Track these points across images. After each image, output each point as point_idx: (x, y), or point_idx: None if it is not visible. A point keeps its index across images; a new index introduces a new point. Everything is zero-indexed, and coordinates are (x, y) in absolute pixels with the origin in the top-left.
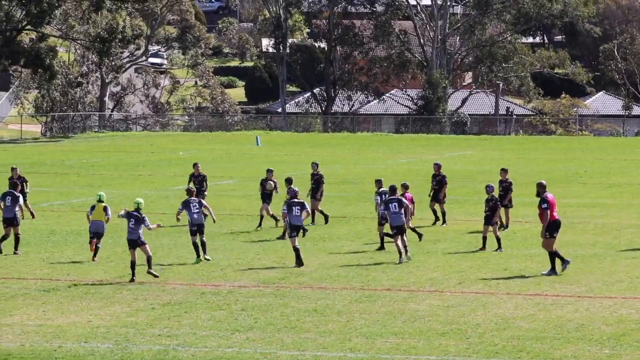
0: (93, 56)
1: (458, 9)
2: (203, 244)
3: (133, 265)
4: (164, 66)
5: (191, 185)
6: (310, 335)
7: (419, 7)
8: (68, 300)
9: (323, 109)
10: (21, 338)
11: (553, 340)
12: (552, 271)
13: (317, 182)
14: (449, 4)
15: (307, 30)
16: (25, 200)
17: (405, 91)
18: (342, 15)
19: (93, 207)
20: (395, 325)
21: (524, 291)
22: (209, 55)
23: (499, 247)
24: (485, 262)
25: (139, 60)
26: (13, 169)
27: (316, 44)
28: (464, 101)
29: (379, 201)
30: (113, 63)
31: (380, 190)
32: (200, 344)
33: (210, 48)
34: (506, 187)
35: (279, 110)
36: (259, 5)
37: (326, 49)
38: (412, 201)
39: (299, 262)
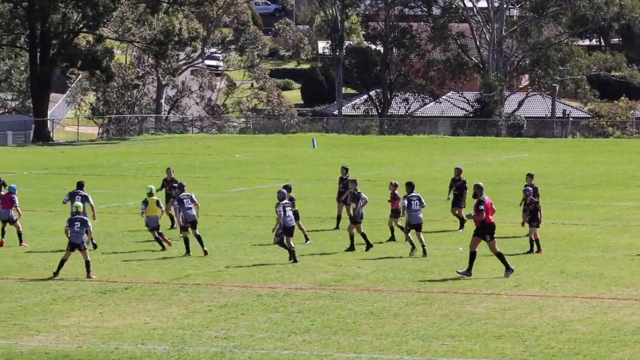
0: (149, 58)
1: (514, 12)
2: (199, 237)
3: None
4: (220, 68)
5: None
6: (367, 337)
7: (475, 10)
8: (125, 302)
9: (379, 111)
10: (78, 339)
11: (609, 343)
12: (508, 271)
13: (345, 186)
14: (505, 6)
15: (364, 32)
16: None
17: (462, 93)
18: (399, 18)
19: (146, 202)
20: (451, 327)
21: (580, 294)
22: (265, 57)
23: (531, 249)
24: (541, 264)
25: (195, 62)
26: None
27: (372, 46)
28: (520, 104)
29: (406, 204)
30: (169, 65)
31: (410, 195)
32: (257, 346)
33: (267, 50)
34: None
35: (335, 112)
36: (315, 8)
37: (382, 51)
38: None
39: (294, 258)
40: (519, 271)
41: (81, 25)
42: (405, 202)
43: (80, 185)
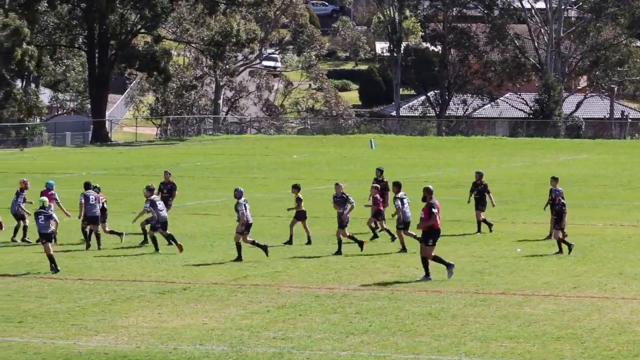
0: (207, 59)
1: (572, 13)
2: (171, 236)
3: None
4: (278, 69)
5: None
6: (425, 338)
7: (533, 11)
8: (183, 303)
9: (437, 112)
10: (136, 340)
11: None
12: (427, 277)
13: (382, 189)
14: (563, 7)
15: (422, 33)
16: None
17: (520, 95)
18: (457, 19)
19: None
20: (509, 329)
21: (639, 295)
22: (323, 57)
23: (560, 250)
24: (600, 266)
25: (253, 63)
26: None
27: (431, 47)
28: (578, 105)
29: (400, 206)
30: (227, 66)
31: (399, 195)
32: (315, 347)
33: (324, 51)
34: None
35: (393, 113)
36: (372, 9)
37: (441, 52)
38: (381, 202)
39: (239, 257)
40: (577, 272)
41: (139, 26)
42: (399, 202)
43: (87, 185)
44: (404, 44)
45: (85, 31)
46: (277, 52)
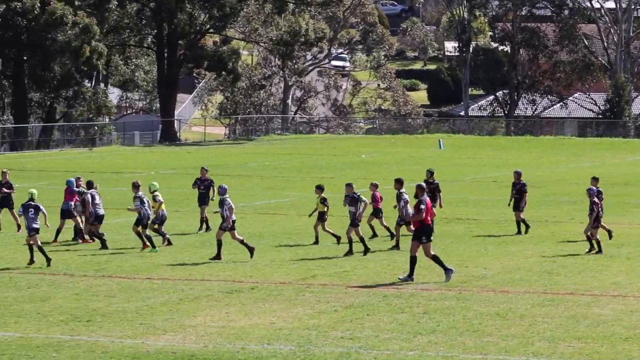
0: (276, 59)
1: None
2: (148, 235)
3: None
4: (347, 69)
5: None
6: (493, 338)
7: (603, 11)
8: (251, 302)
9: (506, 112)
10: (204, 339)
11: None
12: (449, 272)
13: (432, 190)
14: (633, 7)
15: (491, 33)
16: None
17: (589, 95)
18: (526, 18)
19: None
20: (578, 329)
21: None
22: (391, 57)
23: (599, 249)
24: None
25: (322, 62)
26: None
27: (500, 47)
28: None
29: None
30: (296, 66)
31: (401, 191)
32: (383, 347)
33: (393, 51)
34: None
35: (462, 113)
36: (441, 8)
37: (510, 52)
38: (379, 200)
39: (218, 256)
40: None
41: (208, 26)
42: (403, 202)
43: (90, 184)
44: (473, 44)
45: (154, 31)
46: (346, 52)
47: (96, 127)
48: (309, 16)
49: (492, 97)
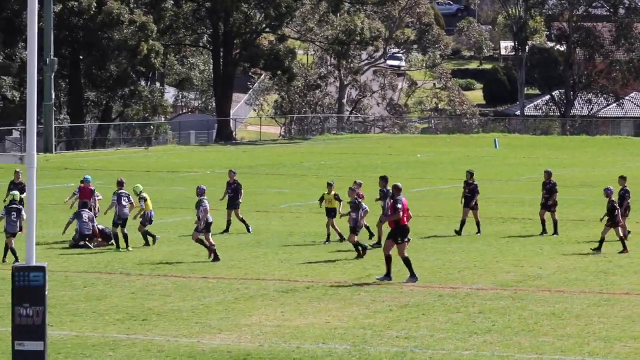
0: (331, 58)
1: None
2: (125, 236)
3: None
4: (402, 68)
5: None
6: (548, 338)
7: None
8: (306, 301)
9: (562, 111)
10: (259, 338)
11: None
12: (413, 278)
13: (471, 191)
14: None
15: (547, 32)
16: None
17: None
18: (582, 18)
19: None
20: (634, 329)
21: None
22: (447, 56)
23: (599, 248)
24: None
25: (378, 62)
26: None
27: (555, 47)
28: None
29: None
30: (351, 65)
31: (387, 188)
32: (438, 346)
33: (449, 50)
34: (622, 194)
35: (517, 112)
36: (497, 8)
37: (565, 51)
38: (362, 198)
39: (216, 257)
40: None
41: (264, 25)
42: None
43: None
44: (528, 43)
45: (210, 30)
46: (401, 52)
47: (152, 126)
48: (365, 15)
49: (547, 96)
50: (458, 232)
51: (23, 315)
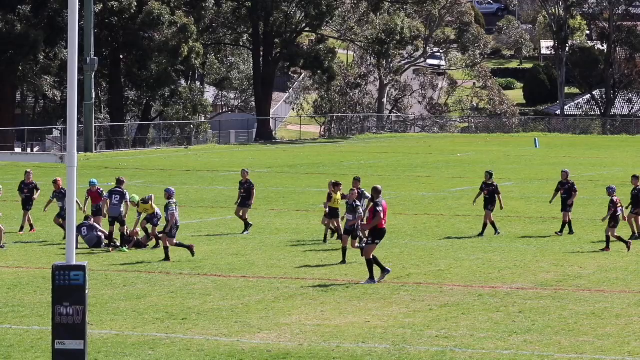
0: (371, 58)
1: None
2: (122, 235)
3: None
4: (442, 67)
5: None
6: (588, 338)
7: None
8: (346, 301)
9: (602, 111)
10: (299, 337)
11: None
12: (371, 280)
13: (490, 192)
14: None
15: (587, 31)
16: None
17: None
18: (623, 17)
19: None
20: None
21: None
22: (487, 56)
23: (607, 247)
24: None
25: (417, 61)
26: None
27: (596, 46)
28: None
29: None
30: (391, 64)
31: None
32: (478, 346)
33: (489, 49)
34: (635, 194)
35: (558, 112)
36: (538, 7)
37: (606, 50)
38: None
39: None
40: None
41: (304, 25)
42: (364, 199)
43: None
44: (569, 42)
45: (250, 30)
46: (441, 51)
47: (192, 126)
48: (405, 14)
49: (588, 96)
50: (495, 232)
51: (63, 314)
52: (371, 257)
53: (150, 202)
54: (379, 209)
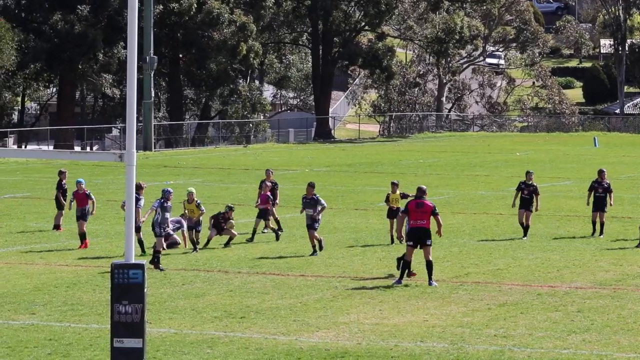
0: (430, 56)
1: None
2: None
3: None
4: (501, 66)
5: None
6: None
7: None
8: (404, 300)
9: None
10: (358, 336)
11: None
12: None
13: (530, 193)
14: None
15: None
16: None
17: None
18: None
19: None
20: None
21: None
22: (546, 55)
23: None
24: None
25: (477, 60)
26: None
27: None
28: None
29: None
30: (450, 64)
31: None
32: (536, 345)
33: (548, 48)
34: None
35: (617, 111)
36: (597, 6)
37: None
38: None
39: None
40: None
41: (363, 24)
42: (320, 206)
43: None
44: (628, 42)
45: (309, 29)
46: (500, 50)
47: (251, 125)
48: (464, 13)
49: None
50: (524, 236)
51: (122, 312)
52: (404, 257)
53: (193, 202)
54: (404, 209)
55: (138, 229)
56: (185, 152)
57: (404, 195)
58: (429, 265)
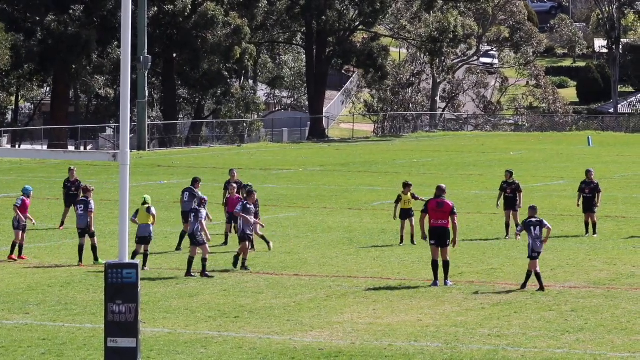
0: (424, 56)
1: None
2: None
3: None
4: (495, 66)
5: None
6: None
7: None
8: (398, 299)
9: None
10: (351, 336)
11: None
12: (434, 283)
13: (513, 191)
14: None
15: None
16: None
17: None
18: None
19: (136, 212)
20: None
21: None
22: (540, 54)
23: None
24: None
25: (471, 60)
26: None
27: None
28: None
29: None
30: (444, 63)
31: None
32: (530, 345)
33: (542, 48)
34: None
35: (611, 110)
36: (591, 5)
37: None
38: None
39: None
40: None
41: (357, 23)
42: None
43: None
44: (622, 41)
45: (303, 28)
46: (494, 49)
47: (245, 124)
48: (458, 13)
49: None
50: (506, 235)
51: (116, 312)
52: (433, 258)
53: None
54: (423, 209)
55: (92, 234)
56: (179, 152)
57: (414, 197)
58: (446, 265)
